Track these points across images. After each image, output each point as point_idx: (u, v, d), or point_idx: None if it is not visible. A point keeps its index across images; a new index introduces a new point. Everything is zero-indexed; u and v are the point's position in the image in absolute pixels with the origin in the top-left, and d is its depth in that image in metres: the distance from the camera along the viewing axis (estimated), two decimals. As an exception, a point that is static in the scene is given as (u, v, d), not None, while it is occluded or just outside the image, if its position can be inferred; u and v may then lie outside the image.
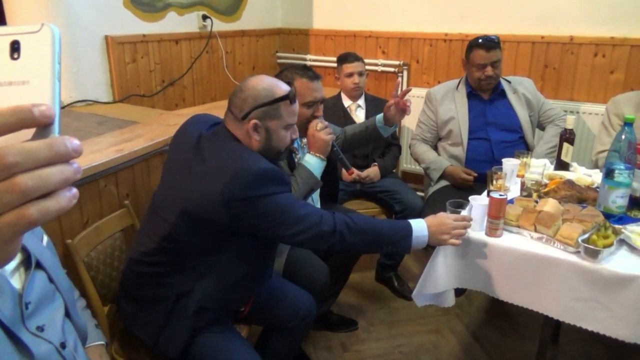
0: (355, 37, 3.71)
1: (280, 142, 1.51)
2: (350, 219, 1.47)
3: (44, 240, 1.16)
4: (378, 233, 1.50)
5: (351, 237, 1.45)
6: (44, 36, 0.43)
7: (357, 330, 2.40)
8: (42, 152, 0.40)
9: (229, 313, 1.59)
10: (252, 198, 1.34)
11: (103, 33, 2.80)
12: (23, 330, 0.94)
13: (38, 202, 0.40)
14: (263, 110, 1.44)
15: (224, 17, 3.53)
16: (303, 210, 1.42)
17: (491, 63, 2.47)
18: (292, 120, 1.51)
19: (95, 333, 1.30)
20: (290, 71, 1.88)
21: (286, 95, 1.46)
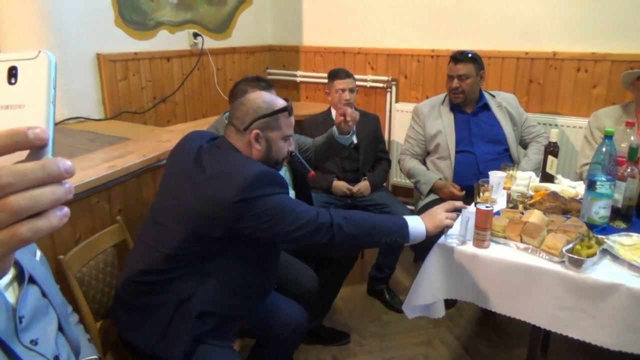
0: (344, 54, 3.77)
1: (279, 152, 1.57)
2: (347, 213, 1.53)
3: (37, 255, 1.17)
4: (375, 224, 1.55)
5: (349, 228, 1.49)
6: (41, 62, 0.45)
7: (349, 343, 2.41)
8: (35, 173, 0.42)
9: (232, 325, 1.59)
10: (251, 199, 1.38)
11: (95, 51, 2.83)
12: (17, 344, 0.95)
13: (30, 221, 0.42)
14: (264, 121, 1.51)
15: (215, 35, 3.58)
16: (300, 207, 1.47)
17: (457, 75, 2.55)
18: (290, 132, 1.58)
19: (88, 347, 1.31)
20: (243, 83, 1.99)
21: (285, 108, 1.54)
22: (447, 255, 1.68)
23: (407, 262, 3.07)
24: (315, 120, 2.84)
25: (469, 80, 2.57)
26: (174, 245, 1.45)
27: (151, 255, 1.49)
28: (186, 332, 1.44)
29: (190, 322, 1.44)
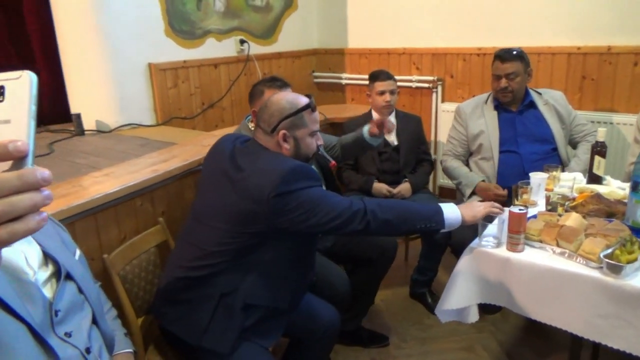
0: (389, 55, 3.76)
1: (308, 148, 1.62)
2: (380, 200, 1.58)
3: (76, 255, 1.26)
4: (409, 209, 1.58)
5: (383, 214, 1.51)
6: (24, 82, 0.50)
7: (388, 346, 2.40)
8: (11, 182, 0.47)
9: (275, 322, 1.62)
10: (287, 193, 1.44)
11: (146, 61, 2.98)
12: (52, 335, 1.04)
13: (8, 224, 0.47)
14: (289, 121, 1.56)
15: (261, 41, 3.68)
16: (334, 198, 1.51)
17: (505, 75, 2.46)
18: (316, 127, 1.63)
19: (125, 341, 1.39)
20: (260, 85, 2.06)
21: (307, 105, 1.58)
22: (480, 258, 1.65)
23: (449, 265, 2.98)
24: (356, 123, 2.83)
25: (518, 79, 2.49)
26: (216, 242, 1.52)
27: (194, 253, 1.56)
28: (232, 325, 1.50)
29: (235, 315, 1.50)
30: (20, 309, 0.95)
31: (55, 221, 1.30)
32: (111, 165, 2.11)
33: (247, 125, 2.10)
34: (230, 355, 1.50)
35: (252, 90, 2.10)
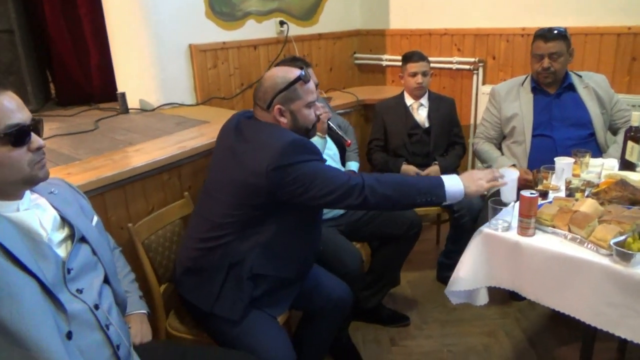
0: (430, 36, 3.69)
1: (306, 119, 1.65)
2: (380, 175, 1.57)
3: (93, 221, 1.38)
4: (409, 183, 1.57)
5: (382, 188, 1.52)
6: None
7: (408, 326, 2.42)
8: None
9: (284, 292, 1.68)
10: (285, 166, 1.49)
11: (187, 42, 3.09)
12: (64, 291, 1.15)
13: None
14: (282, 95, 1.60)
15: (301, 22, 3.70)
16: (331, 172, 1.54)
17: (549, 54, 2.36)
18: (312, 98, 1.65)
19: (139, 303, 1.50)
20: (281, 64, 2.09)
21: (298, 77, 1.61)
22: (490, 241, 1.64)
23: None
24: (387, 105, 2.84)
25: (561, 59, 2.39)
26: (223, 214, 1.60)
27: (205, 225, 1.65)
28: (241, 294, 1.58)
29: (243, 285, 1.58)
30: (31, 264, 1.06)
31: (76, 190, 1.42)
32: (145, 142, 2.24)
33: None
34: (240, 322, 1.58)
35: (270, 68, 2.14)
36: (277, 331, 1.63)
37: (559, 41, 2.37)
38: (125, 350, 1.24)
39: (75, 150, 2.14)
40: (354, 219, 2.26)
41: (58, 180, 1.38)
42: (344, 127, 2.48)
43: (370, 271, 2.34)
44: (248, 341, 1.55)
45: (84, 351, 1.13)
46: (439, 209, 2.70)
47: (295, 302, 1.81)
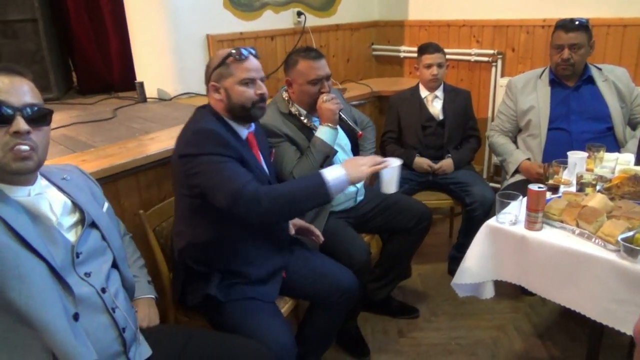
0: (449, 27, 3.64)
1: (239, 96, 1.61)
2: (271, 188, 1.54)
3: (104, 207, 1.41)
4: (294, 194, 1.52)
5: (271, 202, 1.47)
6: None
7: (417, 318, 2.43)
8: None
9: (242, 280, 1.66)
10: (188, 155, 1.52)
11: (205, 32, 3.12)
12: (73, 274, 1.19)
13: None
14: (217, 72, 1.63)
15: (319, 13, 3.70)
16: (230, 172, 1.49)
17: (569, 45, 2.32)
18: (247, 75, 1.60)
19: (148, 288, 1.54)
20: (295, 53, 2.08)
21: (229, 54, 1.61)
22: (497, 235, 1.63)
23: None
24: (402, 97, 2.82)
25: (581, 51, 2.35)
26: (176, 206, 1.71)
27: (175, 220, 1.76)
28: (192, 280, 1.65)
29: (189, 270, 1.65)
30: (41, 248, 1.10)
31: (89, 176, 1.46)
32: (160, 130, 2.28)
33: (281, 95, 2.16)
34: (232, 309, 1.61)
35: (287, 59, 2.14)
36: (271, 316, 1.63)
37: (580, 32, 2.32)
38: (131, 333, 1.28)
39: (92, 138, 2.19)
40: (362, 212, 2.26)
41: (71, 167, 1.43)
42: (363, 123, 2.46)
43: (380, 263, 2.35)
44: (244, 328, 1.56)
45: (90, 333, 1.16)
46: (452, 202, 2.69)
47: (302, 292, 1.84)
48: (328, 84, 2.07)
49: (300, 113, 2.11)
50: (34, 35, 3.06)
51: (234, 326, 1.57)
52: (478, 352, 2.18)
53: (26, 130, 1.10)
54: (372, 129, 2.55)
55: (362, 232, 2.26)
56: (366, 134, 2.51)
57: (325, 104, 2.01)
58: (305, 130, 2.08)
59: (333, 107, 2.00)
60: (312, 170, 1.95)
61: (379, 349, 2.24)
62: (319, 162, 1.98)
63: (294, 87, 2.09)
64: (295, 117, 2.10)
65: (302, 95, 2.07)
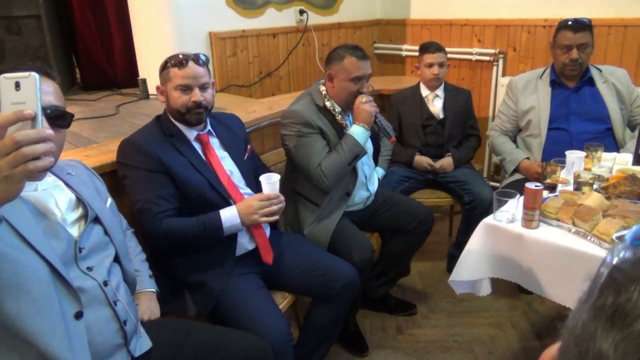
0: (451, 26, 3.66)
1: (175, 102, 1.68)
2: (169, 226, 1.61)
3: (107, 203, 1.43)
4: (189, 238, 1.63)
5: (169, 235, 1.60)
6: (32, 78, 0.82)
7: (415, 315, 2.45)
8: (33, 135, 0.80)
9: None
10: (119, 163, 1.67)
11: (208, 30, 3.14)
12: (75, 268, 1.21)
13: (32, 162, 0.80)
14: (161, 75, 1.72)
15: (321, 11, 3.72)
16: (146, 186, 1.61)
17: (577, 45, 2.33)
18: (182, 82, 1.66)
19: (149, 282, 1.56)
20: (342, 49, 2.07)
21: (167, 60, 1.69)
22: (493, 233, 1.65)
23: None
24: (403, 95, 2.84)
25: (588, 50, 2.36)
26: None
27: None
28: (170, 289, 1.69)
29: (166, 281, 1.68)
30: (41, 245, 1.10)
31: (93, 172, 1.48)
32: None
33: (318, 88, 2.13)
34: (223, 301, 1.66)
35: (332, 53, 2.10)
36: (267, 306, 1.66)
37: (586, 32, 2.33)
38: (132, 326, 1.30)
39: (95, 134, 2.22)
40: (367, 211, 2.28)
41: (75, 162, 1.45)
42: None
43: (380, 262, 2.36)
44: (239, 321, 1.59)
45: (92, 326, 1.18)
46: (452, 201, 2.71)
47: (302, 287, 1.85)
48: (368, 85, 2.08)
49: (334, 108, 2.11)
50: (38, 31, 3.08)
51: (231, 319, 1.60)
52: (475, 349, 2.20)
53: (50, 133, 1.13)
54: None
55: (364, 230, 2.28)
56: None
57: (364, 105, 2.00)
58: (336, 126, 2.08)
59: (371, 110, 2.00)
60: (341, 167, 1.98)
61: (377, 346, 2.26)
62: (348, 160, 1.98)
63: (334, 82, 2.07)
64: (329, 111, 2.10)
65: (341, 91, 2.06)
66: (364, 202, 2.25)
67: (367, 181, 2.21)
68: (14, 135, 0.79)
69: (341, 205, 2.13)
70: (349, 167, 2.02)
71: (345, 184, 2.12)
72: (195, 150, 1.74)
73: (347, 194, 2.14)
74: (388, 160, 2.59)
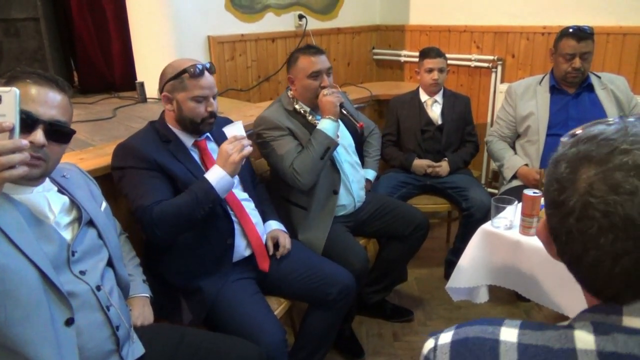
0: (450, 32, 3.66)
1: (191, 112, 1.67)
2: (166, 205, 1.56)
3: (102, 206, 1.42)
4: (181, 206, 1.56)
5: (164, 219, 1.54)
6: (12, 93, 0.90)
7: (412, 321, 2.43)
8: (9, 145, 0.87)
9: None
10: (115, 168, 1.65)
11: (206, 34, 3.14)
12: (68, 272, 1.19)
13: (8, 170, 0.87)
14: (171, 84, 1.67)
15: (320, 16, 3.72)
16: (146, 188, 1.58)
17: (580, 54, 2.32)
18: (200, 93, 1.66)
19: (142, 287, 1.55)
20: (296, 51, 2.13)
21: (185, 70, 1.65)
22: (491, 239, 1.64)
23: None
24: (401, 100, 2.83)
25: (590, 58, 2.36)
26: None
27: None
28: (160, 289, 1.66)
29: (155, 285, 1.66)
30: (33, 252, 1.08)
31: (87, 175, 1.47)
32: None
33: (286, 94, 2.16)
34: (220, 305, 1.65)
35: (289, 58, 2.16)
36: (261, 311, 1.65)
37: (589, 40, 2.33)
38: (125, 331, 1.29)
39: (92, 137, 2.20)
40: (361, 216, 2.26)
41: (70, 165, 1.44)
42: (369, 127, 2.50)
43: (376, 267, 2.35)
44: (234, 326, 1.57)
45: (84, 330, 1.17)
46: (449, 207, 2.69)
47: (299, 292, 1.84)
48: (329, 79, 2.08)
49: (304, 110, 2.12)
50: (35, 33, 3.08)
51: (226, 324, 1.59)
52: (472, 357, 2.18)
53: (41, 143, 1.12)
54: (378, 136, 2.57)
55: (359, 236, 2.27)
56: (371, 140, 2.53)
57: (326, 97, 2.02)
58: (309, 128, 2.08)
59: (333, 100, 2.01)
60: (313, 162, 1.97)
61: (373, 352, 2.24)
62: (319, 155, 1.97)
63: (296, 84, 2.11)
64: (300, 113, 2.11)
65: (304, 90, 2.09)
66: (352, 205, 2.22)
67: (348, 182, 2.19)
68: None
69: (330, 205, 2.12)
70: (322, 162, 2.00)
71: (330, 182, 2.12)
72: (192, 157, 1.73)
73: (334, 192, 2.13)
74: (377, 160, 2.58)
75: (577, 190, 0.59)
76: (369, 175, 2.44)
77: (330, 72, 2.11)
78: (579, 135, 0.65)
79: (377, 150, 2.54)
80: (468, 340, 0.67)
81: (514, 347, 0.63)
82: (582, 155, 0.61)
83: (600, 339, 0.58)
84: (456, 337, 0.68)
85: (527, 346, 0.62)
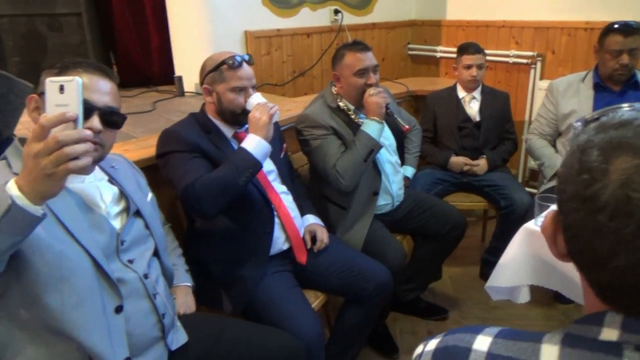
0: (487, 27, 3.59)
1: (230, 104, 1.69)
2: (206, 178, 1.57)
3: (148, 197, 1.45)
4: (220, 176, 1.57)
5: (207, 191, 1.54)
6: (75, 82, 0.88)
7: (446, 319, 2.41)
8: (74, 135, 0.85)
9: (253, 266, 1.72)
10: (160, 155, 1.68)
11: (243, 28, 3.16)
12: (116, 260, 1.22)
13: (72, 161, 0.85)
14: (210, 76, 1.70)
15: (356, 11, 3.70)
16: (187, 168, 1.60)
17: (628, 50, 2.25)
18: (236, 84, 1.68)
19: (185, 276, 1.58)
20: (342, 48, 2.09)
21: (223, 62, 1.66)
22: (534, 239, 1.60)
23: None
24: (439, 96, 2.80)
25: (638, 55, 2.29)
26: None
27: None
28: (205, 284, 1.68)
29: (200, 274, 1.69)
30: (86, 240, 1.11)
31: (134, 166, 1.50)
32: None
33: (330, 90, 2.14)
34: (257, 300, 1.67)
35: (335, 54, 2.13)
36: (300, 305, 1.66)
37: (637, 36, 2.26)
38: (170, 319, 1.31)
39: (133, 129, 2.25)
40: (399, 214, 2.25)
41: (117, 156, 1.47)
42: (411, 123, 2.46)
43: (410, 265, 2.33)
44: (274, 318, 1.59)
45: (131, 317, 1.19)
46: (486, 205, 2.65)
47: (335, 286, 1.84)
48: (375, 77, 2.05)
49: (348, 108, 2.10)
50: (78, 28, 3.16)
51: (264, 316, 1.60)
52: (509, 358, 2.15)
53: (98, 129, 1.15)
54: (419, 132, 2.55)
55: (395, 232, 2.25)
56: (411, 136, 2.51)
57: (372, 97, 1.98)
58: (353, 126, 2.06)
59: (379, 100, 1.97)
60: (356, 164, 1.95)
61: (407, 350, 2.23)
62: (362, 156, 1.95)
63: (341, 81, 2.08)
64: (343, 111, 2.09)
65: (349, 88, 2.06)
66: (391, 203, 2.22)
67: (388, 182, 2.18)
68: (56, 136, 0.83)
69: (370, 207, 2.11)
70: (366, 164, 1.98)
71: (371, 183, 2.10)
72: (232, 148, 1.75)
73: (374, 193, 2.12)
74: (417, 157, 2.56)
75: (611, 183, 0.51)
76: (407, 172, 2.42)
77: (377, 70, 2.07)
78: (604, 120, 0.56)
79: (417, 147, 2.53)
80: (447, 348, 0.65)
81: (483, 357, 0.60)
82: (615, 143, 0.52)
83: (565, 353, 0.55)
84: (440, 344, 0.67)
85: (495, 356, 0.60)
